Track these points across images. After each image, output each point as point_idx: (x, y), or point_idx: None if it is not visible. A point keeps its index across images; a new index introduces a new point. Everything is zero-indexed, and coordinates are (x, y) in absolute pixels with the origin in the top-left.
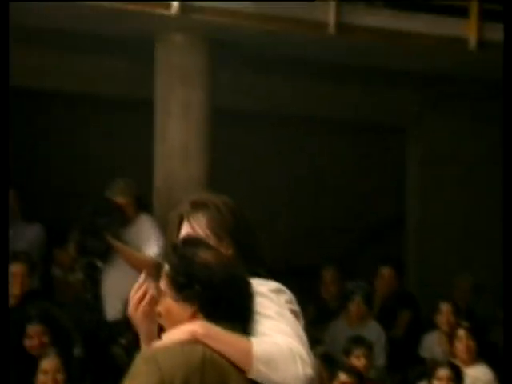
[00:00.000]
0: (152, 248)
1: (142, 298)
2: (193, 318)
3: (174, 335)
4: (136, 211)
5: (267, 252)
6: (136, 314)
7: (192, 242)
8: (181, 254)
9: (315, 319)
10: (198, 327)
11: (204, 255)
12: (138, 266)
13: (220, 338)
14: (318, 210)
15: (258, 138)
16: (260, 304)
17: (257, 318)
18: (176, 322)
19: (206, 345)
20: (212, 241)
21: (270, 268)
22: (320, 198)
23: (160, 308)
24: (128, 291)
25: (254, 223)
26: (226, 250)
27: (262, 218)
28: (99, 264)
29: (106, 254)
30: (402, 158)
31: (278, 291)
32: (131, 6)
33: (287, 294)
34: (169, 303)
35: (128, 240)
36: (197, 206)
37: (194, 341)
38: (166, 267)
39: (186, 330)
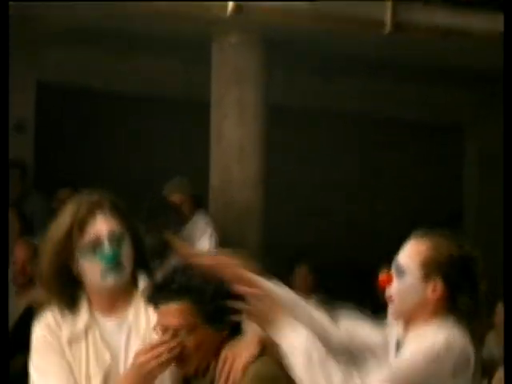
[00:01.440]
0: (204, 243)
1: (160, 354)
2: (223, 342)
3: (249, 350)
4: (192, 209)
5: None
6: (149, 365)
7: (186, 266)
8: (199, 283)
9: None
10: (261, 338)
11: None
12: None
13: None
14: (374, 208)
15: (312, 135)
16: None
17: None
18: (208, 352)
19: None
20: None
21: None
22: (377, 196)
23: (189, 343)
24: None
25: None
26: None
27: (319, 215)
28: (156, 263)
29: (163, 253)
30: (460, 155)
31: None
32: (187, 8)
33: None
34: (201, 335)
35: (184, 237)
36: (109, 205)
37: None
38: (184, 302)
39: (254, 341)
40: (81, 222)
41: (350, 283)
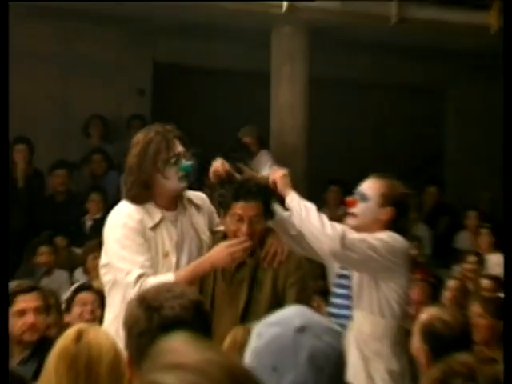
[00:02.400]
0: (266, 171)
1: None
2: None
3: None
4: (258, 148)
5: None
6: (235, 255)
7: (255, 178)
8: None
9: None
10: None
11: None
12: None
13: None
14: (377, 152)
15: (338, 99)
16: None
17: None
18: (261, 236)
19: None
20: None
21: None
22: (379, 145)
23: (258, 227)
24: None
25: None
26: None
27: (347, 152)
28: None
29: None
30: (442, 111)
31: None
32: (251, 7)
33: None
34: (263, 223)
35: (252, 167)
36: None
37: None
38: (258, 200)
39: None
40: (167, 144)
41: None
